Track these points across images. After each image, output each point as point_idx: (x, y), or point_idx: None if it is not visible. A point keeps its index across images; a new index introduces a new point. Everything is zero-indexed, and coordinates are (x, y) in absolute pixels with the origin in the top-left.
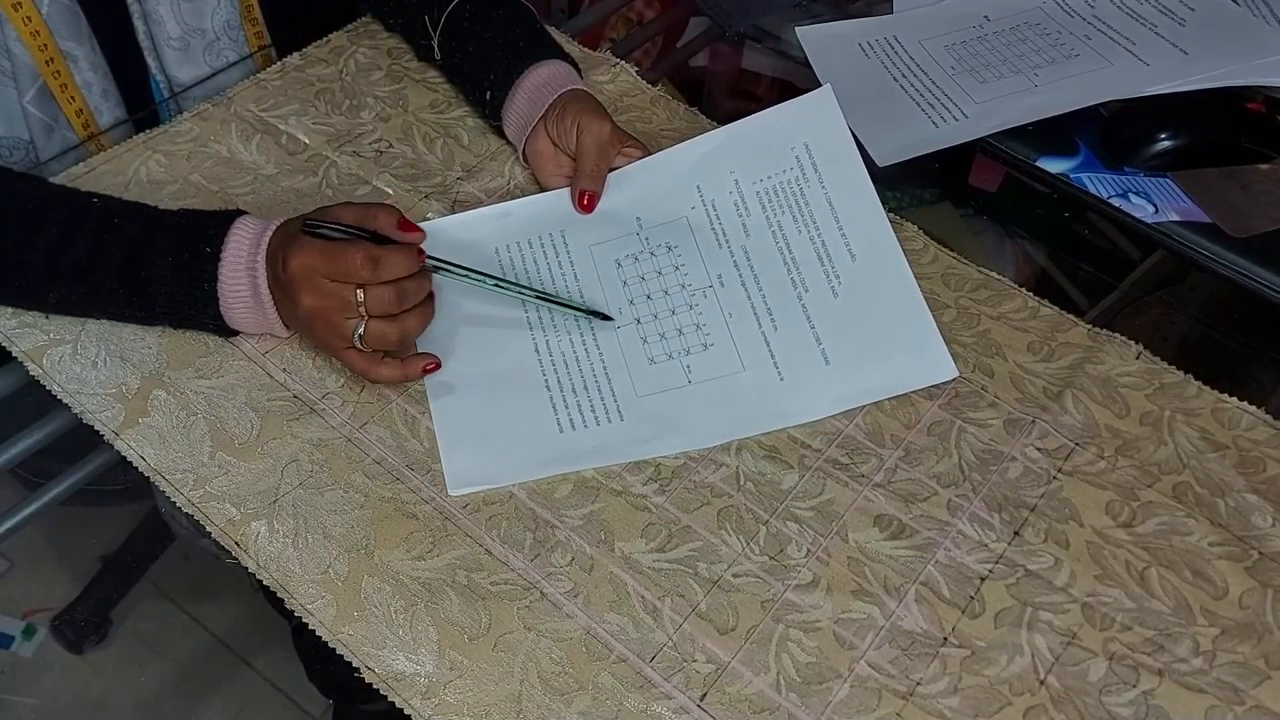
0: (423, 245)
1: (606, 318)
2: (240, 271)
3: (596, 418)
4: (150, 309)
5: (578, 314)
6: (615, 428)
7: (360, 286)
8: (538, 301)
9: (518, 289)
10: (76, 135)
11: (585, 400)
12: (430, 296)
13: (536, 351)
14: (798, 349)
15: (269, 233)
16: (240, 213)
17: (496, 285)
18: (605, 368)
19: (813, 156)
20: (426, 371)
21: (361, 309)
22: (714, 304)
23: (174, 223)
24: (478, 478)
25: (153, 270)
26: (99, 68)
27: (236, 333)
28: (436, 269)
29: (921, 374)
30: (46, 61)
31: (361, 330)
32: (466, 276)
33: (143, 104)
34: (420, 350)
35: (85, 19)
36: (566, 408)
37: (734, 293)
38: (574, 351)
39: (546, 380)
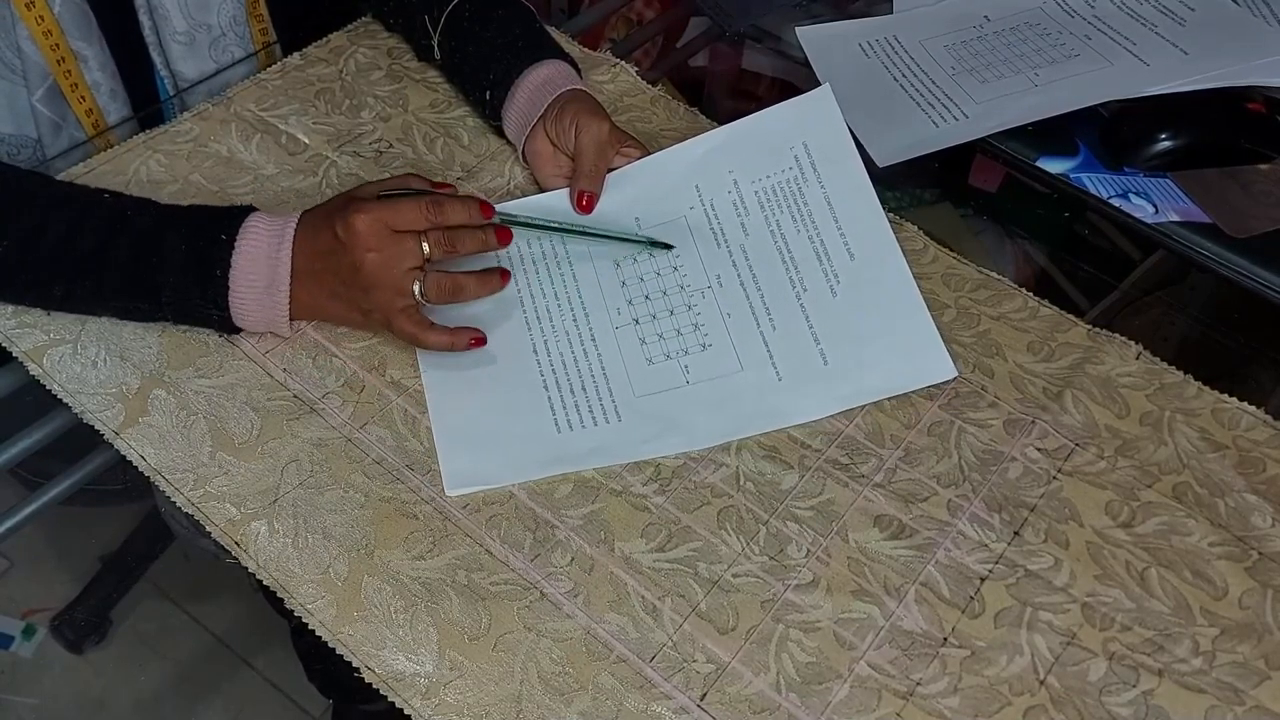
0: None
1: (669, 246)
2: (258, 262)
3: (594, 418)
4: (155, 299)
5: (639, 248)
6: (613, 428)
7: (424, 234)
8: (605, 240)
9: (581, 231)
10: (86, 134)
11: (583, 400)
12: (499, 274)
13: (535, 351)
14: (796, 349)
15: (290, 226)
16: (253, 208)
17: (562, 229)
18: (603, 368)
19: (811, 156)
20: (473, 344)
21: (425, 258)
22: (712, 304)
23: (186, 216)
24: (475, 478)
25: (163, 258)
26: (107, 68)
27: (238, 330)
28: (506, 223)
29: (920, 374)
30: (58, 61)
31: (423, 280)
32: (530, 227)
33: (147, 100)
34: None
35: (94, 18)
36: (564, 408)
37: (732, 293)
38: (572, 352)
39: (544, 380)
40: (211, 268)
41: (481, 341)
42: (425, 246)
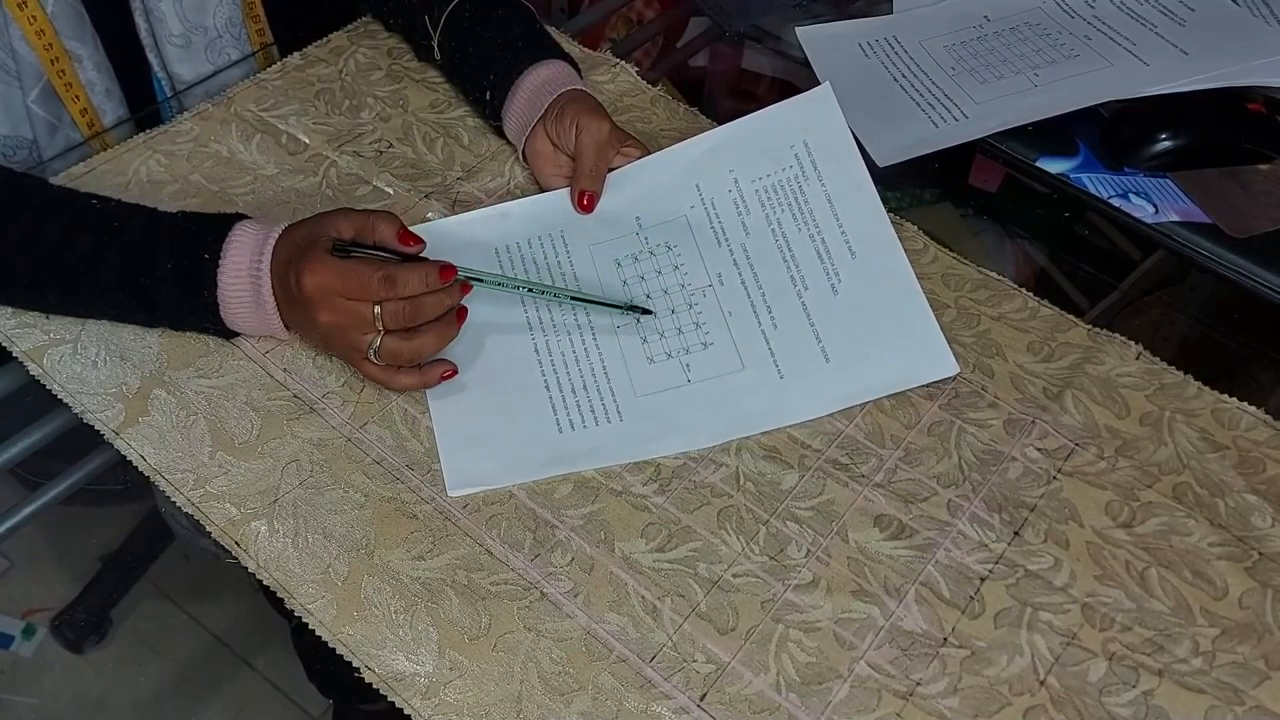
0: (434, 255)
1: (647, 311)
2: (241, 279)
3: (595, 418)
4: (152, 313)
5: (613, 311)
6: (614, 428)
7: (377, 303)
8: (573, 303)
9: (553, 292)
10: (80, 134)
11: (584, 400)
12: (455, 315)
13: (536, 352)
14: (797, 347)
15: (271, 240)
16: (239, 217)
17: (530, 290)
18: (604, 367)
19: (812, 154)
20: (444, 379)
21: (378, 324)
22: (713, 303)
23: (173, 227)
24: (477, 478)
25: (154, 276)
26: (102, 67)
27: (238, 334)
28: (470, 280)
29: (922, 371)
30: (51, 61)
31: (377, 345)
32: (500, 285)
33: (145, 102)
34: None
35: (89, 18)
36: (566, 408)
37: (733, 291)
38: (573, 351)
39: (546, 380)
40: (199, 289)
41: (454, 373)
42: (377, 310)
